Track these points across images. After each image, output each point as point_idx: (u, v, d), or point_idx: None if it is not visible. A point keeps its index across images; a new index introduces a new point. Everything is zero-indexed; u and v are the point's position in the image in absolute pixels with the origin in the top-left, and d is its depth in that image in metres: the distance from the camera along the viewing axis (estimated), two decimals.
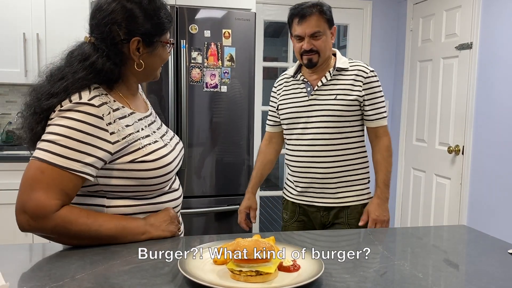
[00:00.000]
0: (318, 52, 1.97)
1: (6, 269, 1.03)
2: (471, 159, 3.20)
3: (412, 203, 3.94)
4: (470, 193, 3.21)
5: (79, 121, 1.15)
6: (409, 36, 3.99)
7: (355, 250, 1.20)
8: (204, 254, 1.10)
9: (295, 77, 2.13)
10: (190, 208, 3.04)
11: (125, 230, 1.22)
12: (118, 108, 1.25)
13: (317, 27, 1.94)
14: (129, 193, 1.26)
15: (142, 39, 1.26)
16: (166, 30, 1.31)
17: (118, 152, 1.21)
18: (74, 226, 1.14)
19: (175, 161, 1.35)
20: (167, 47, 1.34)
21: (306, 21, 1.94)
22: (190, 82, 3.00)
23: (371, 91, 2.02)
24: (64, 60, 1.27)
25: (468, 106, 3.20)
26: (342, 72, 2.03)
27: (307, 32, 1.95)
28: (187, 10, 2.97)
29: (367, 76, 2.02)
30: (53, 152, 1.13)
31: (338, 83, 2.02)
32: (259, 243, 0.98)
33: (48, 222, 1.12)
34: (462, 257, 1.29)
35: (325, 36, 1.97)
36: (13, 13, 3.14)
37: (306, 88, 2.07)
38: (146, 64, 1.30)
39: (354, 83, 2.01)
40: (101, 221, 1.19)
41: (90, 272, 1.03)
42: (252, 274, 0.96)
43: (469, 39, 3.20)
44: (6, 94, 3.53)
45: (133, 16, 1.24)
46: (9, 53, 3.16)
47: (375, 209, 1.98)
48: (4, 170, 2.87)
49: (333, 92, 2.01)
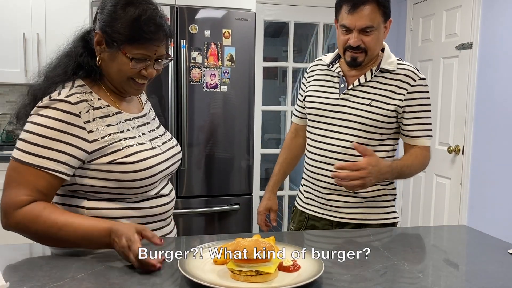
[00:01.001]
0: (366, 51, 1.64)
1: (6, 269, 1.03)
2: (471, 159, 3.19)
3: (412, 203, 3.94)
4: (470, 193, 3.21)
5: (53, 119, 1.14)
6: (409, 36, 3.98)
7: (355, 250, 1.20)
8: (204, 254, 1.10)
9: (330, 67, 1.80)
10: (190, 208, 3.04)
11: (85, 239, 1.12)
12: (100, 107, 1.22)
13: (370, 21, 1.59)
14: (110, 195, 1.22)
15: (105, 36, 1.21)
16: (132, 43, 1.19)
17: (96, 151, 1.18)
18: (33, 226, 1.11)
19: (162, 165, 1.29)
20: (133, 62, 1.20)
21: (359, 12, 1.59)
22: (190, 82, 3.00)
23: (416, 102, 1.67)
24: (57, 58, 1.28)
25: (468, 106, 3.20)
26: (386, 74, 1.70)
27: (357, 25, 1.60)
28: (187, 10, 2.97)
29: (415, 84, 1.67)
30: (27, 152, 1.13)
31: (378, 86, 1.69)
32: (259, 243, 0.98)
33: (10, 218, 1.11)
34: (462, 257, 1.29)
35: (377, 31, 1.63)
36: (13, 13, 3.14)
37: (340, 83, 1.75)
38: (105, 65, 1.24)
39: (396, 90, 1.67)
40: (61, 224, 1.11)
41: (90, 272, 1.03)
42: (252, 274, 0.96)
43: (469, 39, 3.19)
44: (6, 94, 3.53)
45: (104, 8, 1.23)
46: (9, 53, 3.16)
47: (375, 164, 1.52)
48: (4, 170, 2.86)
49: (369, 96, 1.68)
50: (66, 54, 1.27)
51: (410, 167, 1.67)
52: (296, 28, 4.07)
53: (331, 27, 4.35)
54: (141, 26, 1.18)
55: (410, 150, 1.71)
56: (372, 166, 1.50)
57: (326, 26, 4.22)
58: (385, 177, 1.60)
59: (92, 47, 1.25)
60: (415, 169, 1.69)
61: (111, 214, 1.22)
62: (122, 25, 1.18)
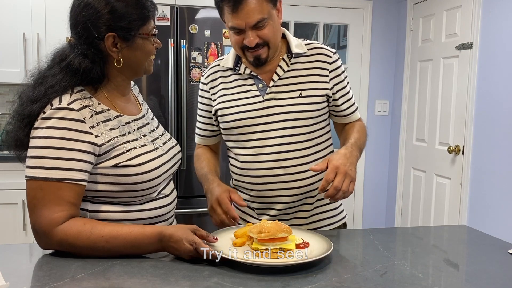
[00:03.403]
0: (267, 44, 1.45)
1: (6, 268, 1.03)
2: (471, 159, 3.19)
3: (412, 203, 3.94)
4: (470, 193, 3.21)
5: (61, 129, 1.12)
6: (409, 36, 3.98)
7: (356, 249, 1.19)
8: (220, 236, 1.21)
9: (236, 70, 1.57)
10: (190, 208, 3.04)
11: (134, 247, 1.13)
12: (101, 111, 1.21)
13: (260, 14, 1.38)
14: (114, 199, 1.22)
15: (117, 34, 1.20)
16: (145, 22, 1.23)
17: (102, 155, 1.18)
18: (78, 242, 1.10)
19: (165, 166, 1.29)
20: (151, 39, 1.27)
21: (243, 9, 1.37)
22: (190, 82, 3.00)
23: (340, 79, 1.56)
24: (47, 63, 1.24)
25: (468, 106, 3.20)
26: (300, 58, 1.55)
27: (247, 23, 1.39)
28: (187, 10, 2.97)
29: (332, 61, 1.56)
30: (45, 167, 1.10)
31: (299, 74, 1.53)
32: (280, 225, 1.13)
33: (52, 238, 1.10)
34: (462, 257, 1.29)
35: (271, 20, 1.42)
36: (13, 13, 3.14)
37: (257, 84, 1.53)
38: (128, 59, 1.25)
39: (319, 72, 1.54)
40: (108, 237, 1.11)
41: (90, 272, 1.03)
42: (276, 251, 1.10)
43: (469, 39, 3.19)
44: (6, 94, 3.53)
45: (103, 11, 1.19)
46: (9, 53, 3.16)
47: (339, 157, 1.35)
48: (4, 170, 2.86)
49: (296, 87, 1.52)
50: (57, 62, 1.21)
51: (362, 140, 1.55)
52: (296, 28, 4.08)
53: (331, 27, 4.36)
54: (143, 3, 1.23)
55: (346, 127, 1.63)
56: (339, 163, 1.32)
57: (326, 26, 4.22)
58: (356, 158, 1.42)
59: (91, 55, 1.20)
60: (364, 140, 1.58)
61: (114, 217, 1.21)
62: (132, 12, 1.21)
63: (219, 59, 1.65)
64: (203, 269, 1.07)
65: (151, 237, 1.13)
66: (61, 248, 1.12)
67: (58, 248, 1.12)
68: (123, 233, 1.13)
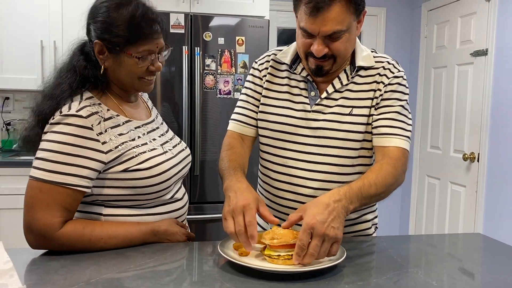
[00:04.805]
0: (334, 57, 1.29)
1: (23, 272, 1.05)
2: (486, 166, 3.16)
3: (426, 211, 3.90)
4: (485, 201, 3.17)
5: (68, 135, 1.15)
6: (423, 42, 3.97)
7: (369, 256, 1.19)
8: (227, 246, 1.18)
9: (292, 69, 1.42)
10: (203, 214, 3.05)
11: (132, 243, 1.23)
12: (110, 117, 1.23)
13: (339, 25, 1.22)
14: (126, 202, 1.24)
15: (104, 44, 1.21)
16: (134, 42, 1.20)
17: (111, 161, 1.19)
18: (79, 245, 1.17)
19: (174, 169, 1.31)
20: (140, 60, 1.22)
21: (322, 15, 1.21)
22: (204, 89, 3.02)
23: (389, 96, 1.35)
24: (58, 75, 1.27)
25: (484, 113, 3.16)
26: (362, 71, 1.38)
27: (322, 32, 1.23)
28: (201, 18, 3.00)
29: (392, 76, 1.36)
30: (48, 170, 1.13)
31: (356, 88, 1.36)
32: (292, 232, 1.11)
33: (53, 241, 1.15)
34: (477, 265, 1.27)
35: (349, 33, 1.26)
36: (31, 21, 3.20)
37: (309, 91, 1.38)
38: (113, 71, 1.25)
39: (375, 87, 1.36)
40: (107, 238, 1.19)
41: (104, 276, 1.04)
42: (289, 257, 1.09)
43: (484, 45, 3.17)
44: (23, 100, 3.60)
45: (98, 18, 1.22)
46: (26, 60, 3.22)
47: (318, 211, 1.06)
48: (20, 175, 2.91)
49: (349, 103, 1.35)
50: (67, 70, 1.25)
51: (377, 182, 1.20)
52: None
53: None
54: (139, 23, 1.19)
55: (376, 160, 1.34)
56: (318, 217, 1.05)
57: None
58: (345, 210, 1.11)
59: (93, 58, 1.25)
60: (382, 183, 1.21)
61: (128, 220, 1.25)
62: (120, 28, 1.19)
63: (277, 49, 1.50)
64: (215, 274, 1.07)
65: (146, 233, 1.24)
66: (59, 250, 1.16)
67: (56, 249, 1.16)
68: (120, 233, 1.21)
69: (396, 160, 1.28)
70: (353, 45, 1.35)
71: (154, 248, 1.23)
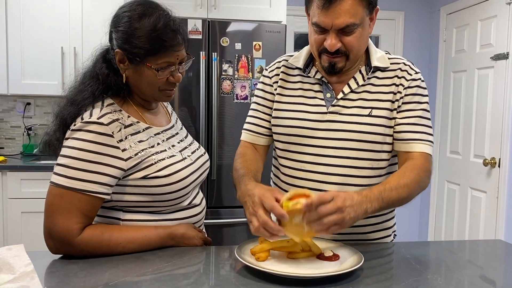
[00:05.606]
0: (347, 54, 1.30)
1: (43, 274, 1.07)
2: (508, 171, 3.10)
3: (446, 217, 3.85)
4: (507, 207, 3.11)
5: (89, 142, 1.16)
6: (442, 46, 3.92)
7: (388, 263, 1.18)
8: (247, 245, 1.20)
9: (306, 72, 1.42)
10: (220, 219, 3.06)
11: (151, 247, 1.24)
12: (131, 124, 1.24)
13: (352, 18, 1.23)
14: (145, 208, 1.26)
15: (125, 54, 1.22)
16: (154, 54, 1.20)
17: (131, 168, 1.20)
18: (98, 250, 1.18)
19: (193, 175, 1.32)
20: (159, 72, 1.22)
21: (336, 7, 1.21)
22: (221, 94, 3.04)
23: (410, 99, 1.35)
24: (81, 81, 1.28)
25: (505, 118, 3.11)
26: (378, 73, 1.38)
27: (334, 25, 1.24)
28: (219, 24, 3.02)
29: (410, 79, 1.37)
30: (68, 176, 1.15)
31: (374, 90, 1.36)
32: None
33: (73, 247, 1.16)
34: (499, 273, 1.25)
35: (361, 28, 1.27)
36: (51, 27, 3.27)
37: (325, 93, 1.38)
38: (133, 80, 1.25)
39: (394, 90, 1.36)
40: (125, 243, 1.20)
41: (122, 279, 1.05)
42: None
43: (505, 49, 3.12)
44: (44, 105, 3.66)
45: (119, 28, 1.22)
46: (47, 66, 3.28)
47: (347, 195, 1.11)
48: (41, 179, 2.96)
49: (367, 103, 1.34)
50: (90, 76, 1.26)
51: (398, 188, 1.21)
52: None
53: None
54: (160, 35, 1.19)
55: (400, 164, 1.34)
56: (347, 198, 1.10)
57: None
58: (363, 211, 1.12)
59: (115, 66, 1.25)
60: (404, 187, 1.22)
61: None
62: (140, 39, 1.19)
63: (288, 55, 1.50)
64: (232, 279, 1.07)
65: (163, 237, 1.25)
66: (79, 255, 1.18)
67: (76, 255, 1.18)
68: (139, 237, 1.22)
69: (420, 166, 1.30)
70: (366, 42, 1.35)
71: (171, 252, 1.24)
